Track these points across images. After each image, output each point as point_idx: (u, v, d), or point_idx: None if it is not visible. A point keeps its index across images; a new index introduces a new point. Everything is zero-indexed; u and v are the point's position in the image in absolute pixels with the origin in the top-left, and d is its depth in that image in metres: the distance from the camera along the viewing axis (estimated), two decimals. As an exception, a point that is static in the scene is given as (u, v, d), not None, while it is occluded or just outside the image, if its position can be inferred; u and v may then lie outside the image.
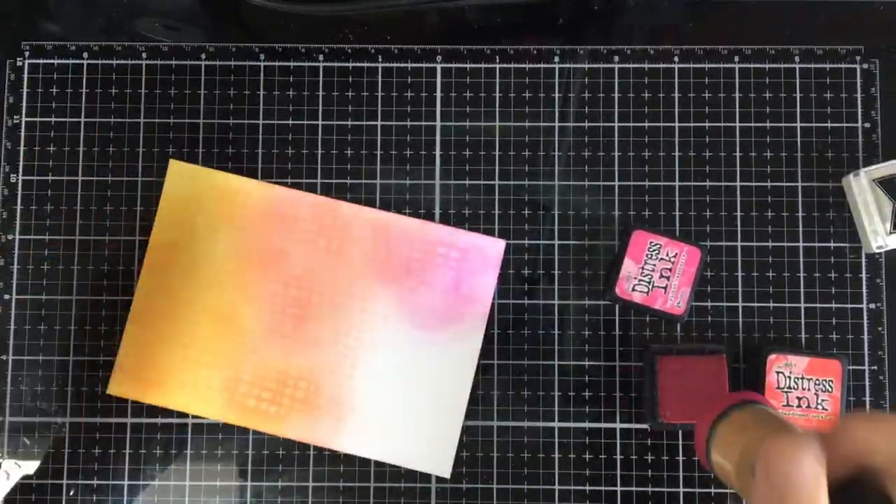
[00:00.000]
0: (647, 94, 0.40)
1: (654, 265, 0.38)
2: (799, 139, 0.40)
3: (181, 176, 0.40)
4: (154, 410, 0.39)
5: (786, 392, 0.36)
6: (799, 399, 0.36)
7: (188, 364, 0.39)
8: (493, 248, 0.39)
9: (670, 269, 0.38)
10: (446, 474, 0.38)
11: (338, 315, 0.39)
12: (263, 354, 0.39)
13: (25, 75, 0.41)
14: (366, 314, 0.39)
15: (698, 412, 0.36)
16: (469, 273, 0.39)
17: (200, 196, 0.40)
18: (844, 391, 0.37)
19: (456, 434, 0.38)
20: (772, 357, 0.37)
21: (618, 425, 0.39)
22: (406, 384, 0.39)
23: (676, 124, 0.40)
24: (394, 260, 0.39)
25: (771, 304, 0.39)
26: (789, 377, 0.36)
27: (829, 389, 0.36)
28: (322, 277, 0.39)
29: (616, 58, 0.40)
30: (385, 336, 0.39)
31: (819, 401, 0.36)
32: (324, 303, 0.39)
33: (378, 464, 0.38)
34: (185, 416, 0.39)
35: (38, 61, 0.41)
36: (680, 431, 0.38)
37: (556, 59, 0.41)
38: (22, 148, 0.40)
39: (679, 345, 0.39)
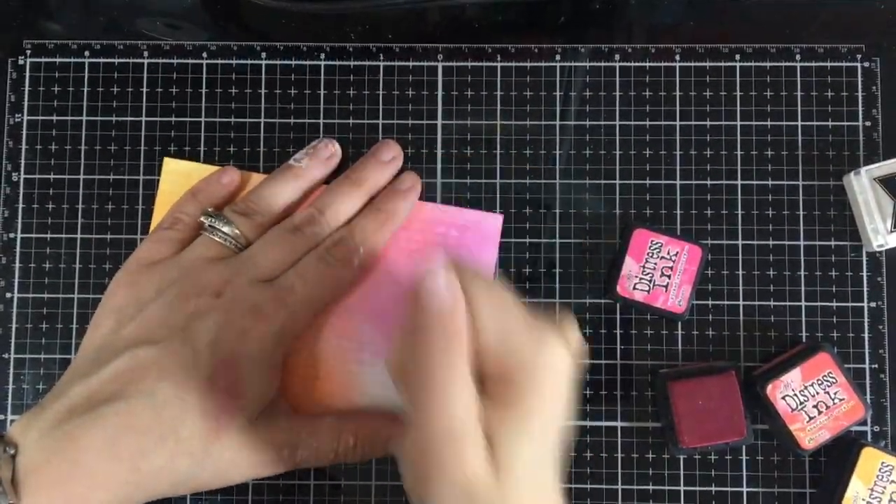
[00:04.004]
0: (648, 93, 0.40)
1: (655, 264, 0.38)
2: (800, 137, 0.40)
3: (177, 173, 0.40)
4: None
5: (802, 410, 0.36)
6: (816, 406, 0.36)
7: None
8: (491, 223, 0.39)
9: (671, 268, 0.38)
10: None
11: (341, 302, 0.39)
12: None
13: (27, 74, 0.41)
14: (366, 300, 0.39)
15: (717, 432, 0.36)
16: (469, 250, 0.39)
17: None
18: (848, 373, 0.37)
19: None
20: (769, 388, 0.36)
21: (619, 423, 0.39)
22: None
23: (677, 123, 0.40)
24: (393, 243, 0.39)
25: (771, 303, 0.39)
26: (795, 395, 0.36)
27: (834, 380, 0.36)
28: None
29: (617, 56, 0.41)
30: (386, 319, 0.38)
31: (833, 396, 0.36)
32: None
33: (379, 462, 0.38)
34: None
35: (39, 60, 0.41)
36: (712, 454, 0.38)
37: (558, 57, 0.41)
38: (24, 146, 0.40)
39: (686, 365, 0.39)
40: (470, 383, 0.26)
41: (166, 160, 0.40)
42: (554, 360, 0.27)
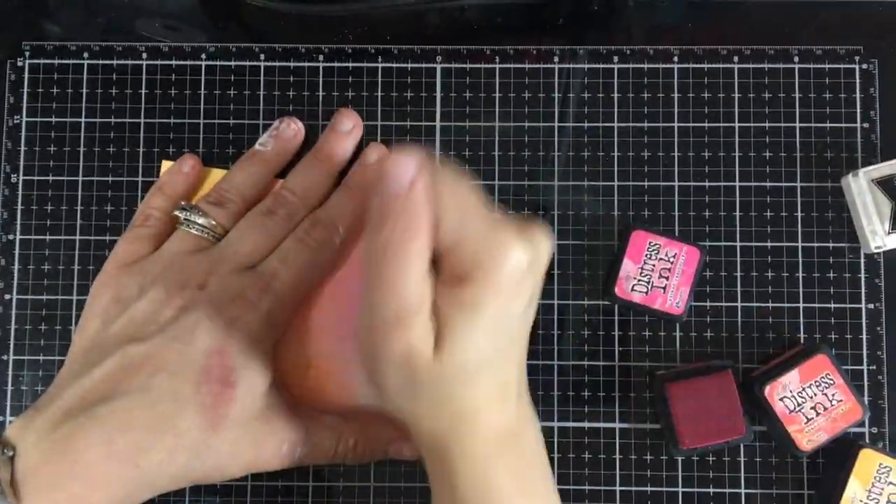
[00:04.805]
0: (646, 95, 0.40)
1: (654, 265, 0.38)
2: (798, 139, 0.40)
3: None
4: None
5: (800, 411, 0.36)
6: (814, 408, 0.36)
7: None
8: None
9: (669, 269, 0.38)
10: None
11: (337, 300, 0.39)
12: (286, 341, 0.38)
13: (26, 75, 0.41)
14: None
15: (717, 432, 0.36)
16: None
17: (195, 194, 0.39)
18: (846, 375, 0.37)
19: None
20: (767, 390, 0.36)
21: (617, 425, 0.39)
22: None
23: (676, 124, 0.40)
24: None
25: (770, 304, 0.39)
26: (793, 397, 0.36)
27: (832, 381, 0.36)
28: None
29: (616, 58, 0.41)
30: None
31: (831, 397, 0.36)
32: (322, 290, 0.39)
33: (379, 464, 0.39)
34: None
35: (38, 61, 0.41)
36: (710, 455, 0.37)
37: (556, 59, 0.41)
38: (22, 148, 0.40)
39: (683, 366, 0.39)
40: (423, 266, 0.27)
41: (164, 163, 0.40)
42: (510, 256, 0.27)
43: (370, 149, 0.39)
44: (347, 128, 0.39)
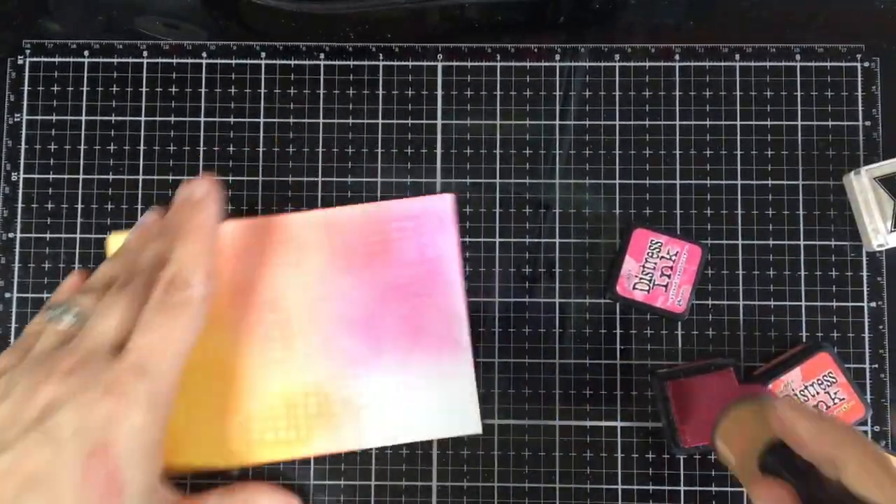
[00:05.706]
0: (647, 93, 0.40)
1: (655, 263, 0.38)
2: (800, 137, 0.40)
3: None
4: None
5: None
6: (817, 406, 0.36)
7: (194, 420, 0.38)
8: (441, 205, 0.39)
9: (671, 268, 0.38)
10: (478, 430, 0.38)
11: (321, 322, 0.39)
12: (264, 385, 0.38)
13: (26, 73, 0.41)
14: (345, 312, 0.39)
15: None
16: (428, 237, 0.39)
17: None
18: (848, 373, 0.37)
19: (472, 389, 0.38)
20: (770, 388, 0.36)
21: (619, 423, 0.39)
22: (406, 360, 0.38)
23: (677, 122, 0.40)
24: (353, 251, 0.39)
25: (772, 303, 0.39)
26: (795, 395, 0.36)
27: (835, 380, 0.36)
28: (292, 294, 0.39)
29: (617, 56, 0.41)
30: (371, 324, 0.38)
31: (833, 395, 0.36)
32: (303, 316, 0.38)
33: (379, 462, 0.38)
34: (186, 414, 0.39)
35: (38, 59, 0.41)
36: (712, 454, 0.38)
37: (557, 57, 0.41)
38: (23, 146, 0.40)
39: (685, 364, 0.38)
40: None
41: (112, 234, 0.39)
42: None
43: (195, 185, 0.35)
44: (199, 196, 0.35)
